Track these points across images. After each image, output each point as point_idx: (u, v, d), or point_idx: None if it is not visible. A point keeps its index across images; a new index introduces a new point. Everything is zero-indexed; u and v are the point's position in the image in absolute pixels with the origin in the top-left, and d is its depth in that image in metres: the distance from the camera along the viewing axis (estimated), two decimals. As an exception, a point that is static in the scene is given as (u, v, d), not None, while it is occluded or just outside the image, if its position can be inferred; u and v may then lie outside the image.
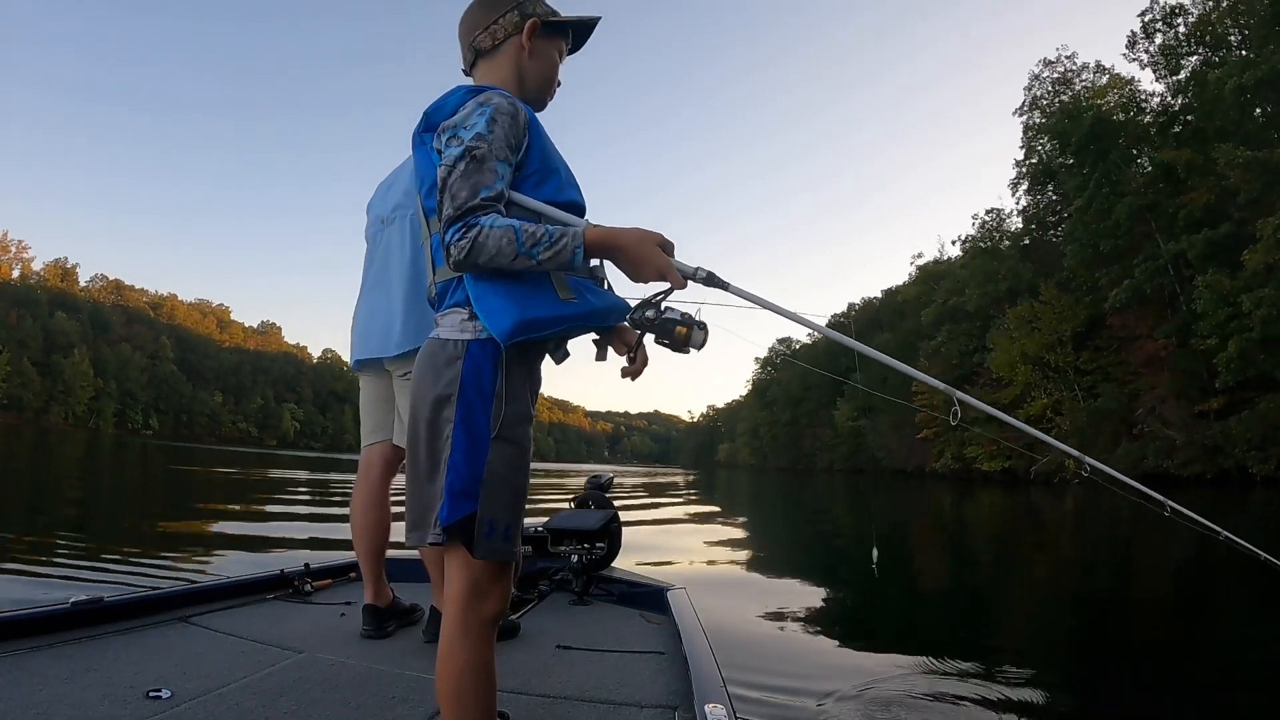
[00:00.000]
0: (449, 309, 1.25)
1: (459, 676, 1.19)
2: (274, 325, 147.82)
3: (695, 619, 2.48)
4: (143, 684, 1.75)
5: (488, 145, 1.18)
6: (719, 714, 1.54)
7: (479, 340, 1.20)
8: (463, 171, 1.16)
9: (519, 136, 1.24)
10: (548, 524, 3.48)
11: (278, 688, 1.83)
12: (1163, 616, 5.21)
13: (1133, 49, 35.60)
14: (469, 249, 1.12)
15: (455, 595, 1.21)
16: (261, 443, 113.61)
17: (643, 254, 1.20)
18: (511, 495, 1.21)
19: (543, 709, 1.80)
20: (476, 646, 1.20)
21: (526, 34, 1.36)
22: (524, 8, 1.37)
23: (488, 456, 1.18)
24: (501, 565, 1.22)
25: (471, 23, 1.39)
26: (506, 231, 1.12)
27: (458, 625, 1.20)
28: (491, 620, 1.22)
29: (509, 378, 1.21)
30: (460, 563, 1.20)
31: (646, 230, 1.23)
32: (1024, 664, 3.67)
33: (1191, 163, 29.92)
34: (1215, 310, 26.74)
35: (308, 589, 2.95)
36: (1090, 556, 9.19)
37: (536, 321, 1.17)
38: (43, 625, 2.07)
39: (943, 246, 60.76)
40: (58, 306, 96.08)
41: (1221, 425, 27.04)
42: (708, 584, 5.70)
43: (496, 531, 1.18)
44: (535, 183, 1.27)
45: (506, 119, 1.21)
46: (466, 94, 1.27)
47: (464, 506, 1.16)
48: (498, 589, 1.22)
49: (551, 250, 1.14)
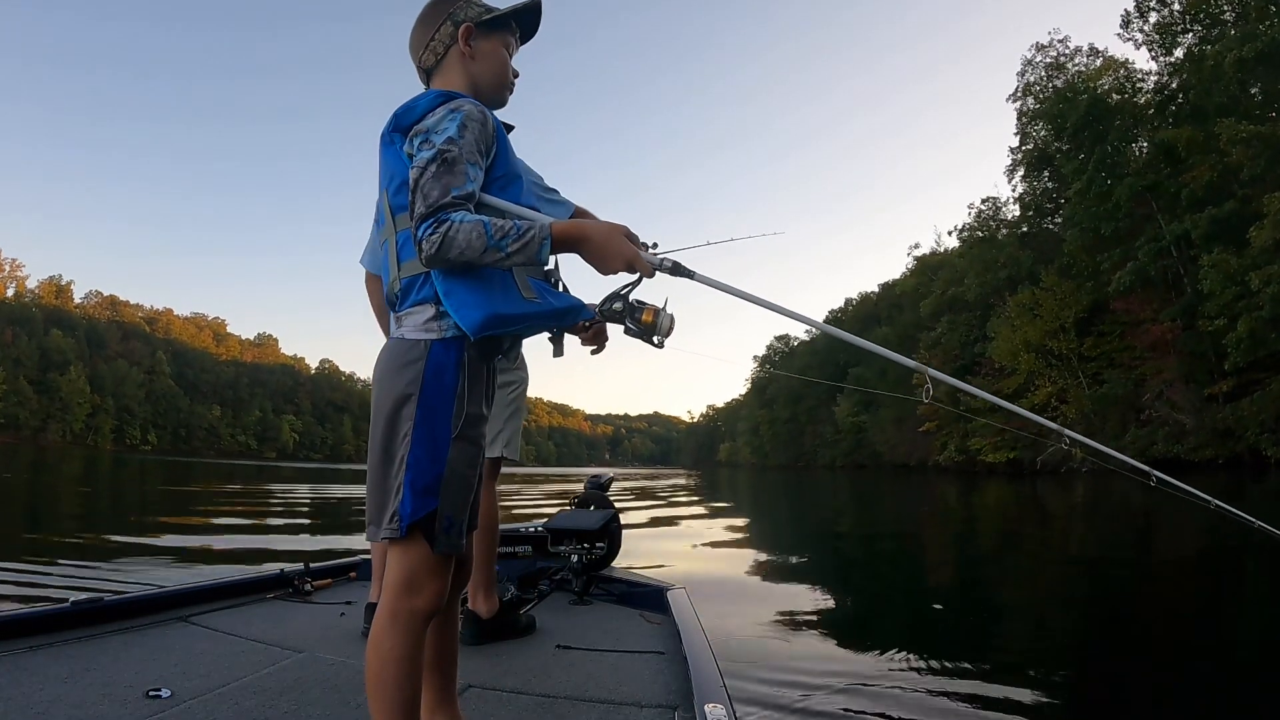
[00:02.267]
0: (413, 306, 1.26)
1: (383, 666, 1.20)
2: (271, 337, 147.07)
3: (695, 619, 2.47)
4: (143, 684, 1.75)
5: (459, 149, 1.20)
6: (719, 714, 1.53)
7: (442, 340, 1.23)
8: (434, 173, 1.17)
9: (488, 142, 1.27)
10: (548, 524, 3.49)
11: (278, 688, 1.82)
12: (1178, 612, 4.99)
13: (1127, 28, 35.15)
14: (440, 243, 1.13)
15: (393, 584, 1.22)
16: (261, 455, 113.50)
17: (610, 246, 1.23)
18: (467, 492, 1.25)
19: (543, 709, 1.80)
20: (405, 638, 1.21)
21: (463, 40, 1.37)
22: (454, 16, 1.37)
23: (449, 455, 1.21)
24: (445, 559, 1.24)
25: (415, 45, 1.40)
26: (476, 226, 1.14)
27: (388, 615, 1.22)
28: (425, 614, 1.23)
29: (470, 378, 1.24)
30: (401, 555, 1.23)
31: (613, 223, 1.27)
32: (1030, 663, 3.59)
33: (1192, 140, 29.30)
34: (1222, 290, 26.16)
35: (308, 589, 2.95)
36: (1100, 550, 8.76)
37: (504, 317, 1.20)
38: (43, 625, 2.09)
39: (939, 237, 60.00)
40: (53, 324, 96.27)
41: (1233, 408, 26.44)
42: (708, 584, 5.62)
43: (454, 527, 1.22)
44: (501, 186, 1.30)
45: (477, 125, 1.24)
46: (436, 98, 1.27)
47: (427, 504, 1.19)
48: (437, 582, 1.24)
49: (520, 242, 1.16)
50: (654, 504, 16.75)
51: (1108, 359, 36.08)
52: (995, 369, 41.63)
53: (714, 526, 11.71)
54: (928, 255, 59.85)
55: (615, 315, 1.31)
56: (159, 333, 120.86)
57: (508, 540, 3.56)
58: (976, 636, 4.30)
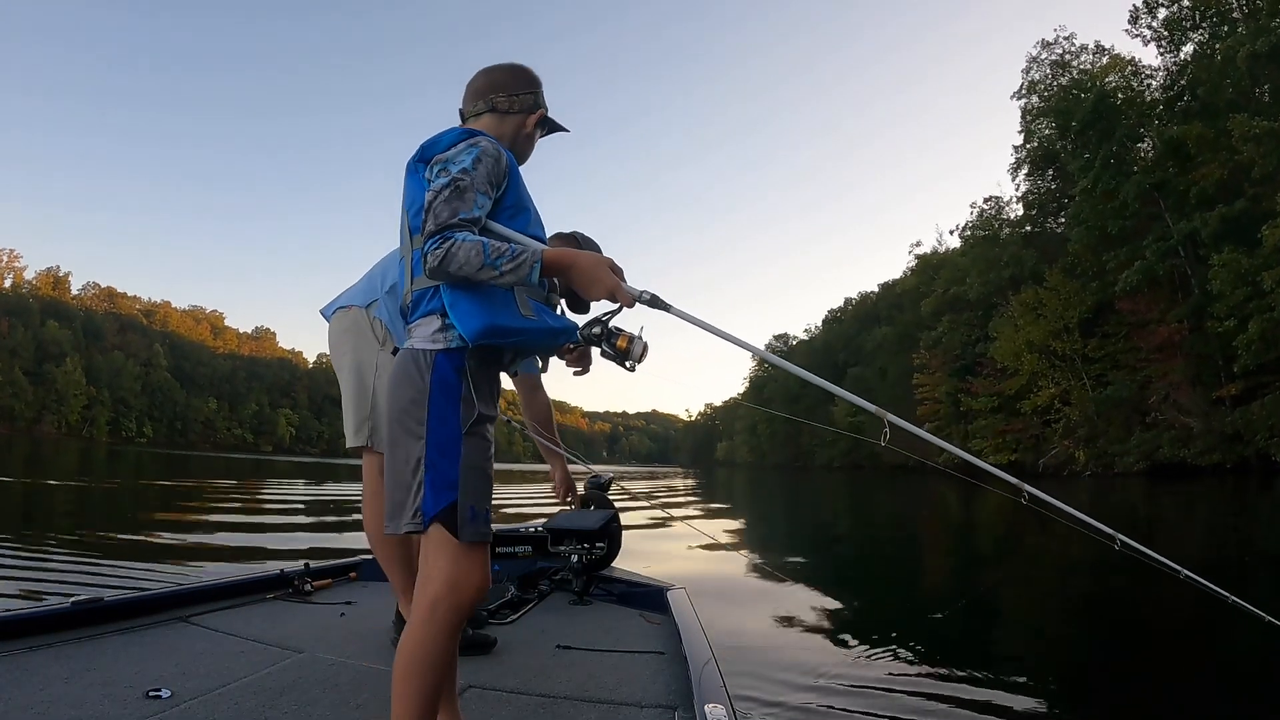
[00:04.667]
0: (422, 316, 1.39)
1: (417, 650, 1.28)
2: (268, 330, 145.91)
3: (695, 619, 2.47)
4: (143, 684, 1.75)
5: (470, 179, 1.35)
6: (719, 714, 1.54)
7: (446, 351, 1.35)
8: (446, 197, 1.32)
9: (500, 177, 1.41)
10: (548, 524, 3.52)
11: (278, 688, 1.82)
12: (1178, 614, 4.81)
13: (1135, 24, 34.61)
14: (443, 257, 1.27)
15: (436, 576, 1.30)
16: (257, 449, 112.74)
17: (595, 274, 1.36)
18: (485, 483, 1.35)
19: (543, 709, 1.80)
20: (442, 628, 1.29)
21: (533, 120, 1.60)
22: (539, 97, 1.61)
23: (461, 450, 1.32)
24: (480, 547, 1.33)
25: (497, 83, 1.57)
26: (476, 245, 1.27)
27: (428, 605, 1.29)
28: (466, 605, 1.32)
29: (475, 383, 1.36)
30: (436, 550, 1.31)
31: (600, 255, 1.40)
32: (1029, 666, 3.56)
33: (1203, 137, 28.70)
34: (1232, 290, 25.60)
35: (308, 589, 2.94)
36: (1101, 551, 8.28)
37: (501, 329, 1.33)
38: (43, 625, 2.09)
39: (941, 236, 59.34)
40: (50, 315, 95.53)
41: (1242, 411, 25.87)
42: (707, 584, 5.60)
43: (479, 516, 1.32)
44: (510, 216, 1.44)
45: (490, 160, 1.39)
46: (461, 134, 1.43)
47: (446, 496, 1.30)
48: (476, 572, 1.32)
49: (513, 263, 1.28)
50: (652, 506, 16.62)
51: (1112, 360, 35.44)
52: (997, 369, 41.06)
53: (712, 527, 11.69)
54: (929, 254, 59.19)
55: (594, 339, 1.43)
56: (156, 325, 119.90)
57: (508, 540, 3.56)
58: (975, 637, 4.23)
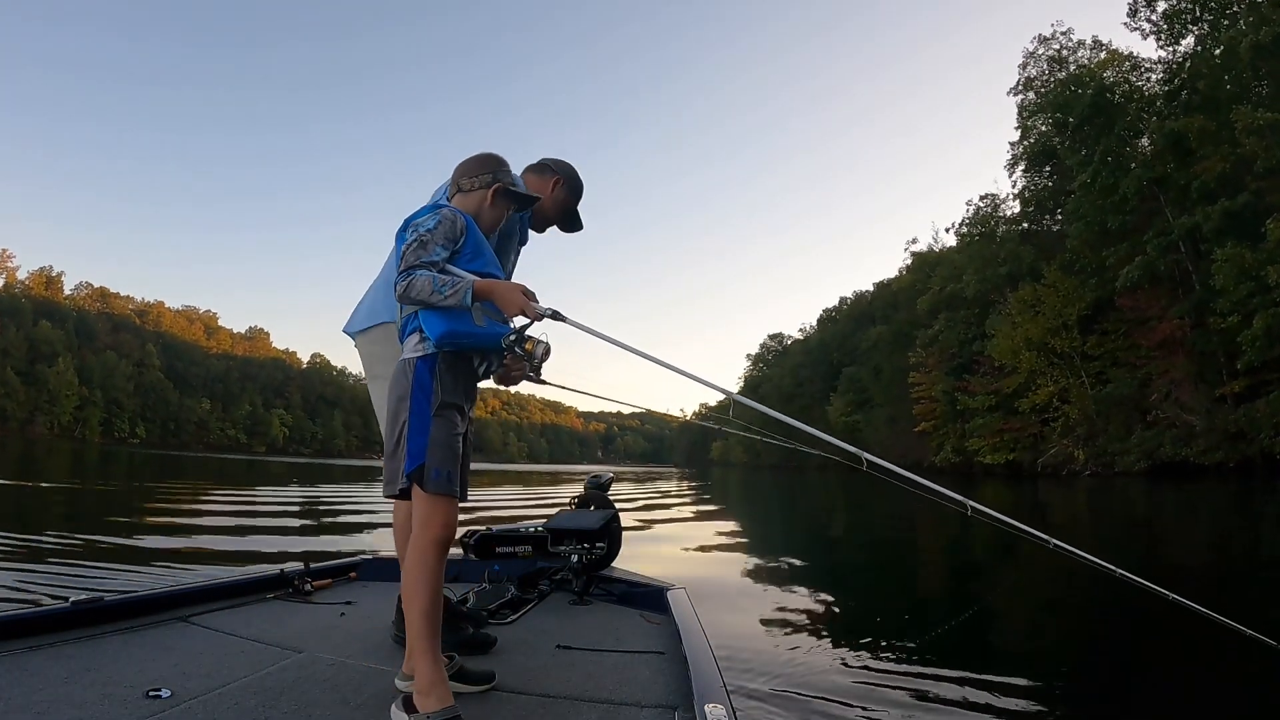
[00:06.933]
0: (409, 334, 1.91)
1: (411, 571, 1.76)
2: (262, 331, 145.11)
3: (695, 619, 2.49)
4: (143, 684, 1.76)
5: (431, 235, 1.88)
6: (719, 714, 1.55)
7: (423, 357, 1.85)
8: (413, 248, 1.86)
9: (457, 234, 1.93)
10: (548, 524, 3.54)
11: (278, 688, 1.84)
12: (1178, 615, 4.48)
13: (1134, 17, 33.90)
14: (406, 286, 1.81)
15: (415, 518, 1.80)
16: (250, 449, 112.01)
17: (509, 297, 1.86)
18: (448, 451, 1.80)
19: (543, 709, 1.82)
20: (426, 556, 1.75)
21: (490, 193, 2.08)
22: (497, 175, 2.09)
23: (430, 428, 1.79)
24: (444, 497, 1.78)
25: (463, 170, 2.10)
26: (428, 279, 1.80)
27: (414, 544, 1.78)
28: (438, 541, 1.76)
29: (441, 380, 1.84)
30: (416, 503, 1.81)
31: (514, 283, 1.91)
32: (1028, 666, 3.58)
33: (1204, 131, 28.15)
34: (1236, 286, 25.00)
35: (308, 589, 2.96)
36: (1100, 554, 7.91)
37: (458, 334, 1.83)
38: (43, 625, 2.10)
39: (937, 234, 58.53)
40: (42, 315, 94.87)
41: (1246, 409, 25.30)
42: (707, 584, 5.59)
43: (441, 475, 1.77)
44: (469, 259, 1.95)
45: (448, 223, 1.92)
46: (430, 208, 1.97)
47: (418, 460, 1.77)
48: (439, 516, 1.78)
49: (453, 290, 1.80)
50: (650, 505, 16.45)
51: (1112, 358, 34.88)
52: (994, 368, 40.53)
53: (710, 528, 11.57)
54: (925, 252, 58.57)
55: (509, 345, 1.84)
56: (149, 325, 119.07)
57: (508, 540, 3.55)
58: (975, 637, 4.26)
